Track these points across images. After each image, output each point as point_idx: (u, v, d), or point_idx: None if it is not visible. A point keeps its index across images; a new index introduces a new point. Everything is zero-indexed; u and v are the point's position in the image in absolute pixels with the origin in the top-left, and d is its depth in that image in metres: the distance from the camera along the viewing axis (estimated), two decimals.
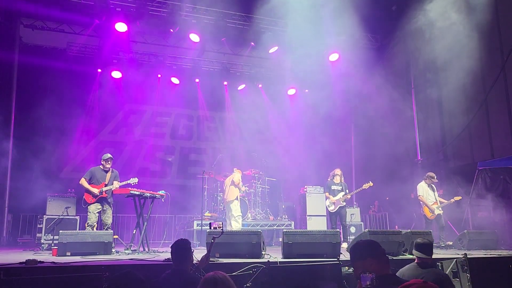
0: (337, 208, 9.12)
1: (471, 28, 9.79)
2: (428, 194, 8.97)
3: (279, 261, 4.97)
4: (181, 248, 3.78)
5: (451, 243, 8.38)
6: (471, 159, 10.93)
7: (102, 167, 7.89)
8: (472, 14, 9.78)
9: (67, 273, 4.29)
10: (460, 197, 9.24)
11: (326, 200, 9.37)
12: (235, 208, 9.45)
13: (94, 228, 7.59)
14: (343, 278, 4.62)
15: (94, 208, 7.64)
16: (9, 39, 11.16)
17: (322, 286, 4.44)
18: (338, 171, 9.41)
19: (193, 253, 3.91)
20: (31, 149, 10.94)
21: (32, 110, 11.15)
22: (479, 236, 7.87)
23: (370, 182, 9.29)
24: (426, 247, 4.18)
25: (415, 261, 4.19)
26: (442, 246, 8.32)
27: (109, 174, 7.87)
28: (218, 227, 4.36)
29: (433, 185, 9.09)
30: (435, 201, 8.95)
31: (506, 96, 9.82)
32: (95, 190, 7.63)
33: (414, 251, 4.25)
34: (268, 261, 4.81)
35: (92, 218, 7.60)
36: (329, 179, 9.45)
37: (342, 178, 9.43)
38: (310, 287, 4.45)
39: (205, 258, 4.16)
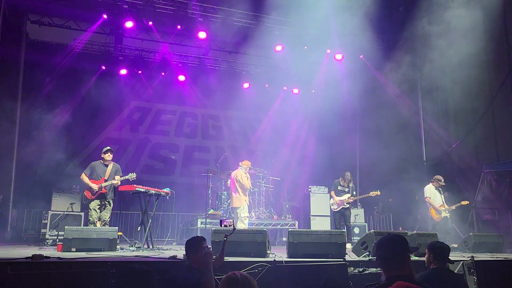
0: (339, 208, 9.20)
1: (479, 30, 9.74)
2: (435, 197, 8.96)
3: (284, 261, 4.95)
4: (193, 245, 3.77)
5: (456, 245, 8.34)
6: (476, 161, 10.87)
7: (102, 161, 7.86)
8: (480, 16, 9.73)
9: (74, 269, 4.27)
10: (467, 202, 9.18)
11: (330, 198, 9.46)
12: (243, 210, 9.22)
13: (98, 225, 7.58)
14: (349, 278, 4.61)
15: (94, 205, 7.62)
16: (16, 35, 11.19)
17: (328, 286, 4.42)
18: (347, 175, 9.56)
19: (210, 249, 3.85)
20: (36, 144, 10.96)
21: (37, 105, 11.18)
22: (484, 239, 7.80)
23: (377, 191, 9.36)
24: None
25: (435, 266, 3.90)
26: None
27: (109, 168, 7.81)
28: (229, 225, 4.31)
29: (440, 188, 9.08)
30: (442, 203, 8.94)
31: None
32: (94, 186, 7.59)
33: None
34: (274, 260, 4.80)
35: (93, 215, 7.58)
36: (337, 179, 9.60)
37: (351, 183, 9.59)
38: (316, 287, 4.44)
39: (219, 257, 4.13)
